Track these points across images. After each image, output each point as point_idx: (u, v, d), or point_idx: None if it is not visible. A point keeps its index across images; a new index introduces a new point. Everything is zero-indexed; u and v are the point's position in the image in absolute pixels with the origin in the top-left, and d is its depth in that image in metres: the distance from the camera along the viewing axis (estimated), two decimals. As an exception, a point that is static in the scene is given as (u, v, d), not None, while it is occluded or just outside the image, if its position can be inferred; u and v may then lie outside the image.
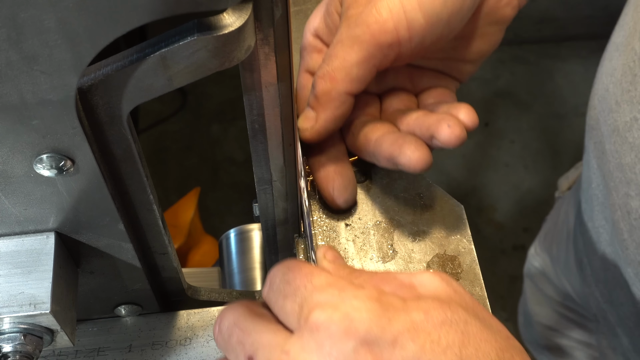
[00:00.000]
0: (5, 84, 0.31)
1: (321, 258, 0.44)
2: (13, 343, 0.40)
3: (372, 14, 0.49)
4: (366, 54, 0.49)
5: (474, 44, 0.55)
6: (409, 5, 0.49)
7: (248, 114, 0.42)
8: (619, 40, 0.62)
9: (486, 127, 2.08)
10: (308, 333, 0.36)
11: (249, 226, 0.69)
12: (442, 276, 0.40)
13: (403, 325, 0.36)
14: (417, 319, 0.36)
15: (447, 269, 0.53)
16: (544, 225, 1.01)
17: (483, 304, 0.51)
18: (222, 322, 0.40)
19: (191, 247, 1.51)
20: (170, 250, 0.48)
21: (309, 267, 0.39)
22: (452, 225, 0.56)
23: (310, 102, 0.52)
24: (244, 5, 0.33)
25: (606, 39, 0.68)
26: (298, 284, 0.38)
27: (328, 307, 0.36)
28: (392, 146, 0.50)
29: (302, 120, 0.52)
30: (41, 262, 0.41)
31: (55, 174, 0.36)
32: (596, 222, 0.70)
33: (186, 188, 1.68)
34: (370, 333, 0.35)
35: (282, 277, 0.39)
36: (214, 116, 2.07)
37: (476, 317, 0.38)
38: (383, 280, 0.40)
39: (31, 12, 0.28)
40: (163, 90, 0.35)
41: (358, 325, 0.35)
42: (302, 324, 0.37)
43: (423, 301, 0.37)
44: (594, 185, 0.69)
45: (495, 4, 0.54)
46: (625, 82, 0.58)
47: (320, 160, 0.54)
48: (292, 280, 0.39)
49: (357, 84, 0.50)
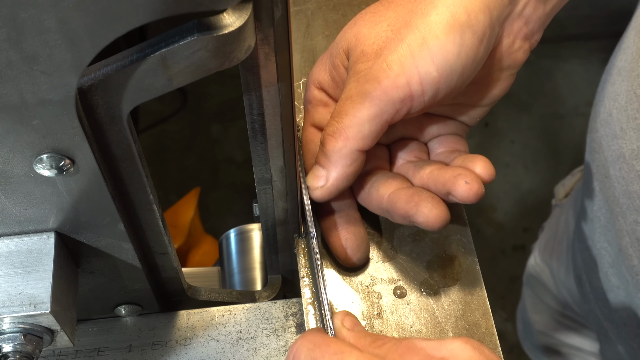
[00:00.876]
0: (5, 84, 0.31)
1: (340, 327, 0.43)
2: (13, 343, 0.40)
3: (383, 69, 0.47)
4: (377, 110, 0.48)
5: (485, 89, 0.54)
6: (421, 59, 0.47)
7: (248, 114, 0.42)
8: (621, 65, 0.61)
9: (486, 127, 2.08)
10: None
11: (249, 226, 0.69)
12: (473, 344, 0.38)
13: None
14: None
15: (447, 269, 0.53)
16: (542, 234, 1.00)
17: (483, 304, 0.51)
18: None
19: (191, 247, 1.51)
20: (170, 250, 0.48)
21: (337, 344, 0.38)
22: (452, 225, 0.56)
23: (319, 160, 0.50)
24: (244, 5, 0.33)
25: (606, 39, 0.68)
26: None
27: None
28: (407, 204, 0.49)
29: (311, 179, 0.51)
30: (41, 262, 0.41)
31: (55, 174, 0.36)
32: (597, 243, 0.69)
33: (186, 188, 1.68)
34: None
35: (308, 353, 0.38)
36: (214, 116, 2.07)
37: None
38: (409, 351, 0.38)
39: (31, 12, 0.28)
40: (163, 90, 0.35)
41: None
42: None
43: None
44: (595, 207, 0.67)
45: (507, 50, 0.52)
46: (631, 109, 0.57)
47: (332, 220, 0.53)
48: (320, 359, 0.37)
49: (369, 141, 0.49)
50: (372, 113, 0.48)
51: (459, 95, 0.54)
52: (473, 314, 0.50)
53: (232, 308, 0.55)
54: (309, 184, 0.51)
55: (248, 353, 0.52)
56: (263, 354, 0.52)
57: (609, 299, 0.70)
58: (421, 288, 0.52)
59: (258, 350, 0.52)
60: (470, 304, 0.51)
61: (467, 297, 0.51)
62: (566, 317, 0.97)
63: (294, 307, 0.55)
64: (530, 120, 2.11)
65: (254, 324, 0.54)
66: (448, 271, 0.53)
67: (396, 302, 0.51)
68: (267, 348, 0.52)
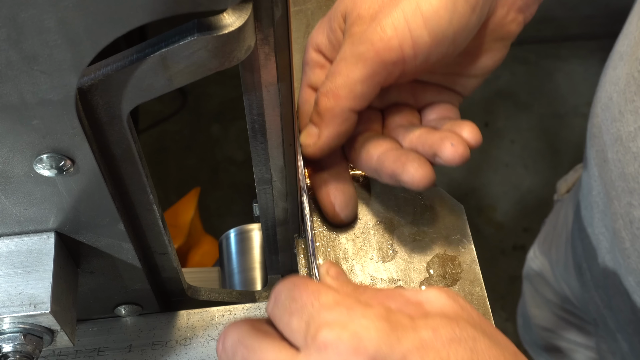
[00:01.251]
0: (6, 84, 0.31)
1: (324, 274, 0.44)
2: (13, 343, 0.40)
3: (377, 32, 0.49)
4: (370, 72, 0.49)
5: (478, 59, 0.55)
6: (414, 23, 0.48)
7: (248, 114, 0.42)
8: (623, 49, 0.62)
9: (486, 127, 2.08)
10: (316, 351, 0.36)
11: (249, 226, 0.69)
12: (448, 293, 0.40)
13: (412, 344, 0.36)
14: (425, 337, 0.36)
15: (447, 268, 0.53)
16: (543, 228, 1.01)
17: (483, 304, 0.51)
18: (225, 339, 0.39)
19: (191, 247, 1.51)
20: (170, 250, 0.48)
21: (316, 284, 0.39)
22: (452, 225, 0.56)
23: (312, 118, 0.52)
24: (244, 5, 0.33)
25: (606, 38, 0.68)
26: (305, 301, 0.38)
27: (336, 325, 0.36)
28: (394, 163, 0.50)
29: (304, 137, 0.52)
30: (41, 262, 0.41)
31: (55, 174, 0.36)
32: (596, 229, 0.70)
33: (186, 188, 1.68)
34: (379, 352, 0.35)
35: (287, 293, 0.39)
36: (214, 116, 2.06)
37: (484, 334, 0.38)
38: (389, 297, 0.39)
39: (31, 12, 0.28)
40: (163, 90, 0.35)
41: (367, 344, 0.35)
42: (309, 342, 0.36)
43: (431, 319, 0.37)
44: (594, 192, 0.68)
45: (500, 21, 0.53)
46: (629, 92, 0.58)
47: (322, 177, 0.54)
48: (298, 298, 0.38)
49: (361, 101, 0.50)
50: (364, 74, 0.49)
51: (453, 64, 0.55)
52: (473, 314, 0.51)
53: (232, 308, 0.55)
54: (302, 141, 0.52)
55: (248, 353, 0.52)
56: (263, 354, 0.52)
57: (607, 285, 0.71)
58: (421, 288, 0.52)
59: (258, 350, 0.52)
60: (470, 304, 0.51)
61: (467, 297, 0.51)
62: (565, 311, 0.98)
63: (294, 307, 0.55)
64: (530, 120, 2.11)
65: (254, 324, 0.54)
66: (448, 271, 0.53)
67: (396, 302, 0.51)
68: (267, 348, 0.52)
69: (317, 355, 0.36)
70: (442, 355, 0.35)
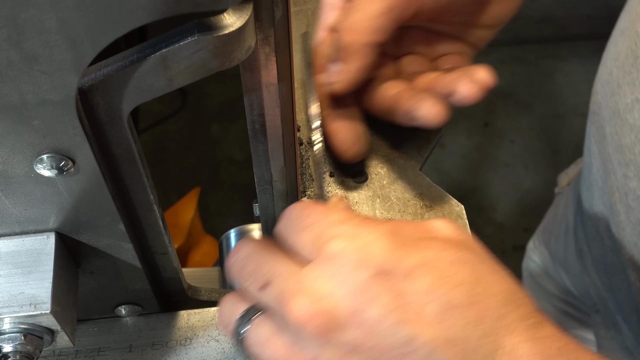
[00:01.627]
0: (6, 84, 0.31)
1: (334, 206, 0.45)
2: (13, 343, 0.40)
3: None
4: (387, 6, 0.51)
5: (491, 8, 0.57)
6: None
7: (248, 114, 0.42)
8: (624, 25, 0.63)
9: (486, 127, 2.08)
10: (323, 262, 0.37)
11: (249, 226, 0.69)
12: (455, 224, 0.42)
13: (417, 260, 0.37)
14: (430, 256, 0.37)
15: (448, 269, 0.53)
16: (543, 220, 1.01)
17: (483, 304, 0.51)
18: (237, 253, 0.41)
19: (191, 247, 1.51)
20: (171, 250, 0.48)
21: (324, 206, 0.41)
22: (453, 226, 0.56)
23: (336, 56, 0.53)
24: (244, 5, 0.33)
25: (606, 39, 0.68)
26: (315, 218, 0.40)
27: (345, 237, 0.38)
28: (409, 101, 0.52)
29: (329, 76, 0.54)
30: (41, 262, 0.41)
31: (55, 174, 0.36)
32: (595, 208, 0.71)
33: (186, 188, 1.68)
34: (385, 265, 0.36)
35: (298, 212, 0.41)
36: (214, 116, 2.07)
37: (486, 262, 0.39)
38: (398, 223, 0.41)
39: (31, 12, 0.28)
40: (163, 90, 0.35)
41: (373, 257, 0.37)
42: (317, 253, 0.38)
43: (437, 241, 0.39)
44: (594, 170, 0.69)
45: None
46: (627, 65, 0.59)
47: (332, 115, 0.56)
48: (308, 216, 0.40)
49: (381, 34, 0.52)
50: (383, 7, 0.52)
51: (467, 13, 0.57)
52: (473, 314, 0.50)
53: (232, 308, 0.55)
54: (330, 79, 0.54)
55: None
56: (263, 354, 0.52)
57: (607, 264, 0.71)
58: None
59: (258, 350, 0.52)
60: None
61: (467, 297, 0.51)
62: (565, 303, 0.99)
63: (294, 307, 0.55)
64: (530, 120, 2.11)
65: (254, 324, 0.54)
66: (448, 271, 0.53)
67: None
68: (267, 348, 0.52)
69: (324, 266, 0.37)
70: (444, 274, 0.36)
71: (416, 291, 0.36)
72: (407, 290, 0.36)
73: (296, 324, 0.37)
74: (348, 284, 0.36)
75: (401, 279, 0.36)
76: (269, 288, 0.39)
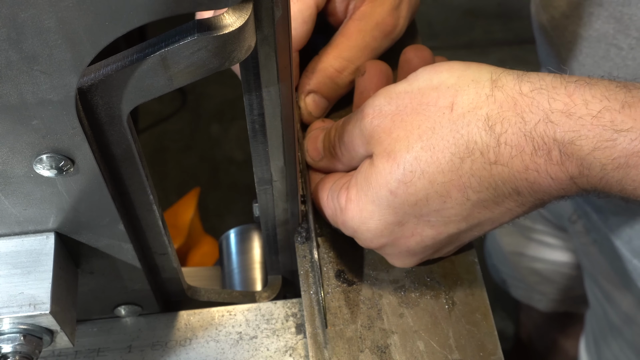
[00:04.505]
0: (5, 84, 0.31)
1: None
2: (13, 343, 0.40)
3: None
4: None
5: None
6: None
7: (248, 114, 0.42)
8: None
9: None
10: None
11: (249, 226, 0.69)
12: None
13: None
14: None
15: (447, 269, 0.53)
16: None
17: (483, 304, 0.51)
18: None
19: (191, 247, 1.51)
20: (170, 250, 0.48)
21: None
22: (453, 226, 0.55)
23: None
24: (244, 5, 0.33)
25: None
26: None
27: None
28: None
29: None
30: (41, 263, 0.41)
31: (55, 174, 0.36)
32: None
33: (186, 188, 1.68)
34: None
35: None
36: (214, 116, 2.06)
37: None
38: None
39: (31, 12, 0.28)
40: (163, 90, 0.35)
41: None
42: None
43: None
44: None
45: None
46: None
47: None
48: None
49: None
50: None
51: None
52: (473, 314, 0.50)
53: (232, 308, 0.55)
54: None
55: (248, 354, 0.52)
56: (263, 355, 0.52)
57: None
58: (421, 288, 0.52)
59: (258, 350, 0.52)
60: (471, 304, 0.51)
61: (467, 297, 0.51)
62: (536, 232, 1.02)
63: (294, 307, 0.54)
64: (530, 120, 2.10)
65: (254, 324, 0.54)
66: (448, 271, 0.53)
67: (397, 303, 0.51)
68: (267, 349, 0.52)
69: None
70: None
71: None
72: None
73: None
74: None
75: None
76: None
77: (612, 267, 0.81)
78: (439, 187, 0.43)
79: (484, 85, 0.43)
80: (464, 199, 0.43)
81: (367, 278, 0.52)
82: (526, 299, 1.19)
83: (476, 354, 0.48)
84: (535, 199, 0.43)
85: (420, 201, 0.44)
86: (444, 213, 0.44)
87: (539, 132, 0.40)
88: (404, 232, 0.46)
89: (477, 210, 0.44)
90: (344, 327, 0.50)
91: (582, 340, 1.04)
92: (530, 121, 0.40)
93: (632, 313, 0.82)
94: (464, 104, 0.42)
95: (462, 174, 0.42)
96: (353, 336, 0.49)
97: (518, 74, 0.43)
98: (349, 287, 0.52)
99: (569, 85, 0.40)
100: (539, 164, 0.40)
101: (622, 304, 0.83)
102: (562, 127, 0.39)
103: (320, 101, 0.58)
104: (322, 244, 0.54)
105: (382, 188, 0.44)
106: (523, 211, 0.44)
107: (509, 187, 0.42)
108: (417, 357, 0.48)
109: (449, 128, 0.42)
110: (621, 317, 0.85)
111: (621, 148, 0.38)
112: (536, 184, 0.41)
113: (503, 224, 0.46)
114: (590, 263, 0.88)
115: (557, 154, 0.39)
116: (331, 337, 0.49)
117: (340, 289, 0.52)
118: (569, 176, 0.40)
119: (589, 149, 0.38)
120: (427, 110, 0.44)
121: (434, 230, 0.46)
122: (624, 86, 0.39)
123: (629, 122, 0.38)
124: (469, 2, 2.18)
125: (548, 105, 0.40)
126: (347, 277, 0.52)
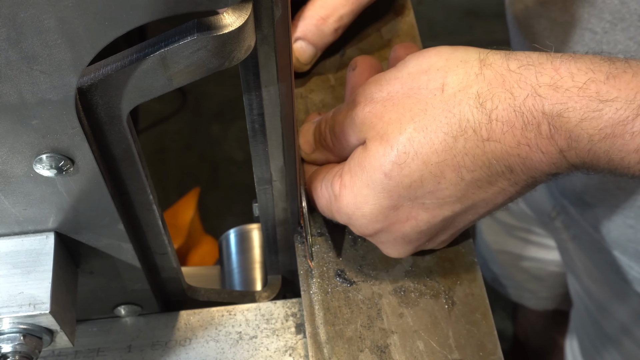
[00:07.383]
0: (5, 83, 0.31)
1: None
2: (12, 343, 0.40)
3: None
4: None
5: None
6: None
7: (248, 114, 0.42)
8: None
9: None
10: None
11: (249, 226, 0.69)
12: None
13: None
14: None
15: (447, 268, 0.53)
16: None
17: (483, 304, 0.51)
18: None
19: (191, 247, 1.51)
20: (170, 250, 0.48)
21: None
22: (452, 226, 0.55)
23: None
24: (244, 5, 0.33)
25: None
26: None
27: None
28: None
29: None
30: (41, 263, 0.41)
31: (55, 174, 0.36)
32: None
33: (186, 188, 1.68)
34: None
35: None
36: (214, 116, 2.06)
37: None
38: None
39: (31, 11, 0.28)
40: (163, 90, 0.35)
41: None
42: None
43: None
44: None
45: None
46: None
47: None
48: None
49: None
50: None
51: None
52: (473, 314, 0.50)
53: (232, 308, 0.55)
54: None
55: (248, 354, 0.52)
56: (263, 354, 0.52)
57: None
58: (421, 288, 0.52)
59: (258, 350, 0.52)
60: (470, 304, 0.51)
61: (467, 297, 0.51)
62: (520, 230, 1.04)
63: (294, 307, 0.54)
64: (530, 120, 2.10)
65: (254, 324, 0.54)
66: (448, 271, 0.53)
67: (397, 303, 0.51)
68: (267, 348, 0.52)
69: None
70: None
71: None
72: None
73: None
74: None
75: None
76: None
77: (592, 262, 0.81)
78: (433, 168, 0.43)
79: (473, 64, 0.43)
80: (458, 179, 0.43)
81: (367, 278, 0.52)
82: (517, 297, 1.20)
83: (476, 353, 0.49)
84: (528, 176, 0.43)
85: (414, 183, 0.44)
86: (439, 194, 0.44)
87: (528, 107, 0.40)
88: (398, 217, 0.46)
89: (472, 191, 0.44)
90: (343, 327, 0.50)
91: (567, 337, 1.05)
92: (519, 96, 0.41)
93: (610, 306, 0.83)
94: (454, 84, 0.43)
95: (455, 153, 0.43)
96: (353, 336, 0.50)
97: (505, 52, 0.44)
98: (349, 287, 0.52)
99: (555, 60, 0.41)
100: (530, 139, 0.41)
101: (601, 297, 0.84)
102: (550, 99, 0.40)
103: (307, 48, 0.60)
104: (322, 244, 0.54)
105: (376, 171, 0.45)
106: (516, 191, 0.45)
107: (502, 164, 0.42)
108: (416, 357, 0.48)
109: (440, 108, 0.43)
110: (600, 312, 0.85)
111: (607, 118, 0.38)
112: (528, 160, 0.42)
113: (497, 206, 0.46)
114: (570, 260, 0.88)
115: (547, 128, 0.40)
116: (331, 336, 0.50)
117: (340, 289, 0.52)
118: (558, 149, 0.41)
119: (577, 120, 0.39)
120: (418, 93, 0.44)
121: (428, 213, 0.46)
122: (608, 59, 0.40)
123: (613, 92, 0.39)
124: (469, 2, 2.18)
125: (535, 80, 0.40)
126: (347, 277, 0.52)
